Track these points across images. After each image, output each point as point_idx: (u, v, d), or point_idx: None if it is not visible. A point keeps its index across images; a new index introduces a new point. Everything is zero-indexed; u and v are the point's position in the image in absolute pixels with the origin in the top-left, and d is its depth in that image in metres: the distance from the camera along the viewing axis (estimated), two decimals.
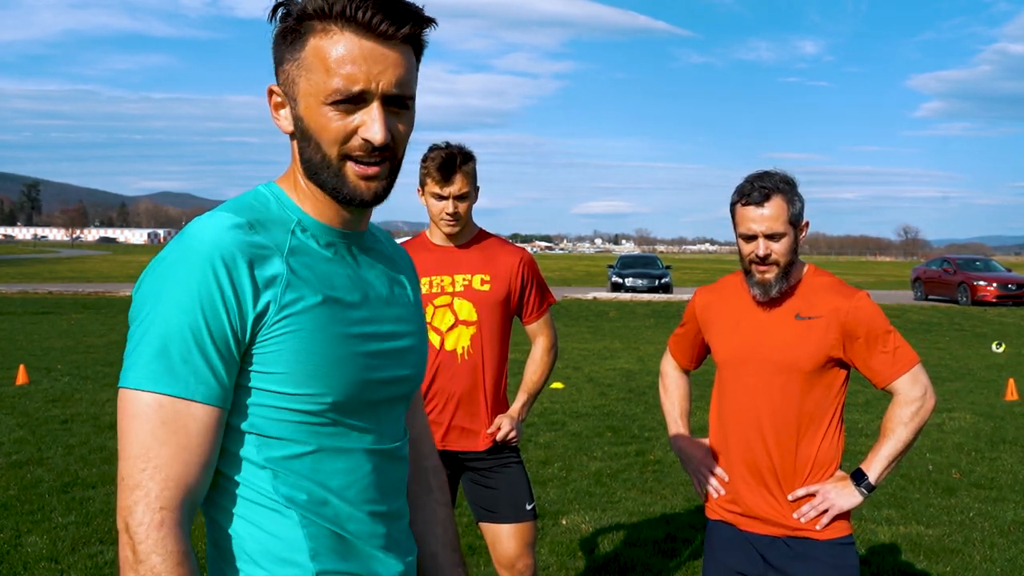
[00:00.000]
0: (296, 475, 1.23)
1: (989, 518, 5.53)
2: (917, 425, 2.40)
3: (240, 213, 1.23)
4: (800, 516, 2.41)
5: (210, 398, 1.16)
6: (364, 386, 1.28)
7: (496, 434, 3.10)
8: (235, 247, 1.17)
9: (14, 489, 5.78)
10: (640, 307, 23.92)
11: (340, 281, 1.28)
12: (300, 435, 1.23)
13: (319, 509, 1.25)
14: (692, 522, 5.34)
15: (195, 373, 1.14)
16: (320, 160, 1.24)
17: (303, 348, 1.21)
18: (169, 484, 1.13)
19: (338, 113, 1.21)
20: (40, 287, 29.39)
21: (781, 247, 2.39)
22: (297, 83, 1.23)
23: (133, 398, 1.14)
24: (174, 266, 1.16)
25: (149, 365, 1.14)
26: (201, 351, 1.15)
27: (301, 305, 1.21)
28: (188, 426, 1.14)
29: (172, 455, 1.13)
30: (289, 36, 1.23)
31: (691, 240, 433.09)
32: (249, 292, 1.17)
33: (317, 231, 1.29)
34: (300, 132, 1.26)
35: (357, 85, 1.20)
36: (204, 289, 1.15)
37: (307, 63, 1.22)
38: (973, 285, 25.99)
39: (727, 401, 2.55)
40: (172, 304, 1.15)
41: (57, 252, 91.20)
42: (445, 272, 3.13)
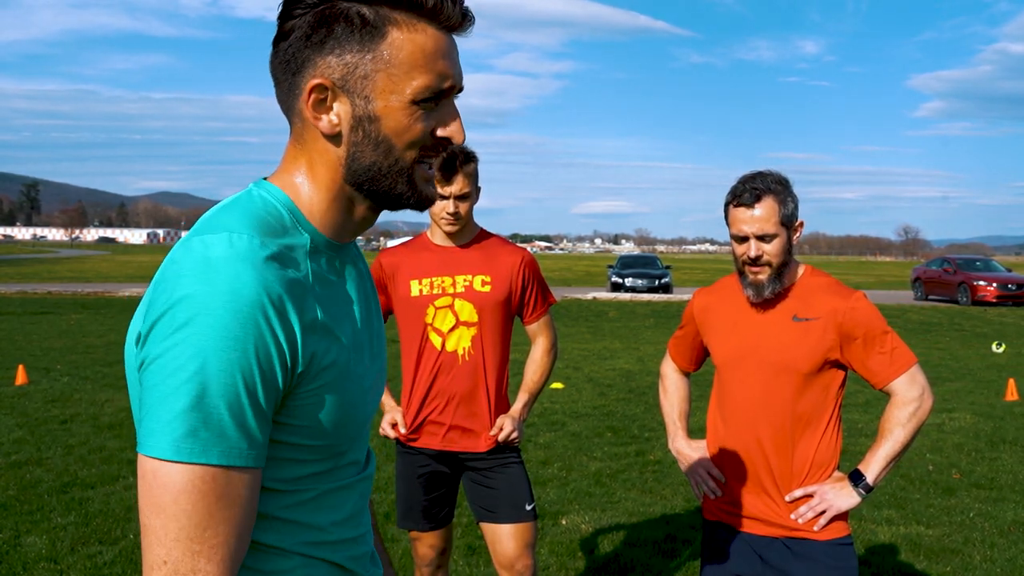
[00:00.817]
0: (296, 523, 1.13)
1: (989, 518, 5.52)
2: (915, 426, 2.40)
3: (264, 236, 1.06)
4: (798, 517, 2.42)
5: (257, 460, 1.02)
6: (362, 424, 1.20)
7: (498, 435, 3.10)
8: (282, 286, 1.02)
9: (13, 489, 5.78)
10: (640, 307, 23.92)
11: (346, 310, 1.17)
12: (308, 483, 1.13)
13: (318, 548, 1.16)
14: (692, 522, 5.34)
15: (249, 438, 0.99)
16: (390, 165, 1.12)
17: (333, 399, 1.10)
18: (226, 564, 0.99)
19: (423, 112, 1.11)
20: (39, 287, 29.39)
21: (773, 248, 2.39)
22: (373, 79, 1.09)
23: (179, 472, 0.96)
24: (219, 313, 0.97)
25: (198, 433, 0.96)
26: (255, 412, 1.00)
27: (334, 351, 1.10)
28: (243, 495, 1.00)
29: (229, 532, 0.99)
30: (359, 24, 1.08)
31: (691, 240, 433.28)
32: (299, 342, 1.03)
33: (326, 250, 1.16)
34: (365, 134, 1.11)
35: (448, 80, 1.12)
36: (260, 340, 0.99)
37: (389, 57, 1.09)
38: (973, 285, 25.99)
39: (725, 402, 2.55)
40: (226, 360, 0.97)
41: (56, 252, 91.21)
42: (446, 273, 3.13)
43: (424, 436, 3.14)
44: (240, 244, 1.01)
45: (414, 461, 3.17)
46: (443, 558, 3.31)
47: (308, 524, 1.14)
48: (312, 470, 1.13)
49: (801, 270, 2.52)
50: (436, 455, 3.15)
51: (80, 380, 10.25)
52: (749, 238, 2.40)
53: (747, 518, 2.50)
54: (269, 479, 1.09)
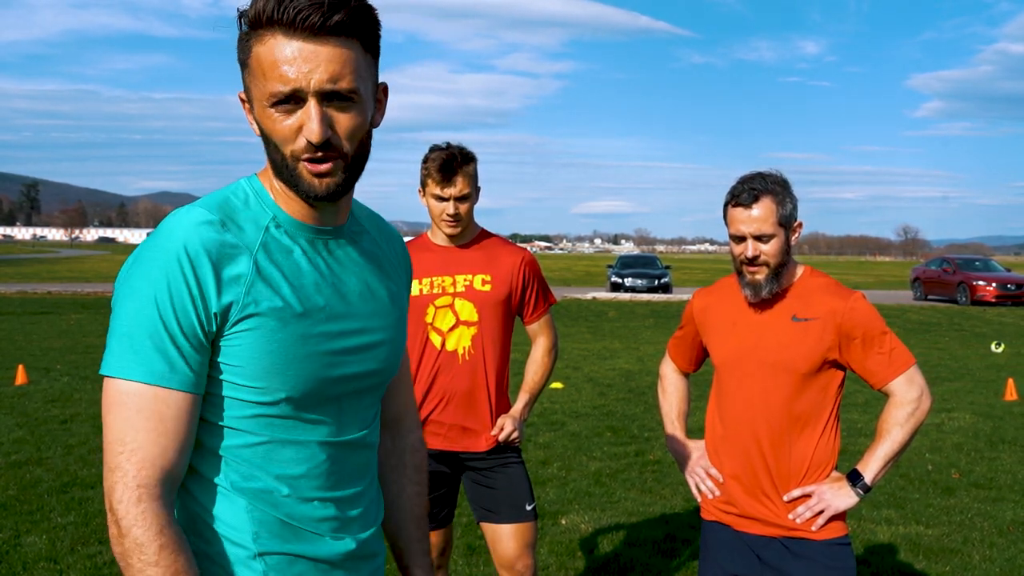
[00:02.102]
0: (247, 464, 1.31)
1: (988, 518, 5.53)
2: (913, 426, 2.40)
3: (214, 209, 1.29)
4: (796, 517, 2.42)
5: (183, 384, 1.24)
6: (323, 383, 1.34)
7: (499, 435, 3.11)
8: (201, 244, 1.24)
9: (13, 489, 5.78)
10: (639, 307, 23.92)
11: (310, 279, 1.34)
12: (253, 427, 1.30)
13: (266, 497, 1.32)
14: (691, 522, 5.35)
15: (168, 362, 1.22)
16: (280, 160, 1.29)
17: (261, 346, 1.27)
18: (145, 465, 1.21)
19: (281, 115, 1.26)
20: (39, 287, 29.38)
21: (771, 248, 2.40)
22: (250, 90, 1.29)
23: (111, 385, 1.23)
24: (146, 260, 1.24)
25: (124, 355, 1.22)
26: (172, 340, 1.22)
27: (265, 305, 1.27)
28: (162, 412, 1.22)
29: (147, 439, 1.21)
30: (241, 45, 1.28)
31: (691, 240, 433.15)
32: (212, 288, 1.24)
33: (292, 228, 1.34)
34: (261, 135, 1.31)
35: (288, 85, 1.23)
36: (172, 282, 1.22)
37: (252, 70, 1.27)
38: (972, 285, 26.00)
39: (724, 402, 2.55)
40: (143, 296, 1.22)
41: (56, 252, 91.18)
42: (446, 272, 3.13)
43: (424, 436, 3.14)
44: (184, 214, 1.28)
45: None
46: (443, 558, 3.32)
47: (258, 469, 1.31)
48: (257, 412, 1.30)
49: (800, 271, 2.53)
50: (436, 455, 3.15)
51: (80, 380, 10.25)
52: (747, 238, 2.41)
53: (745, 518, 2.50)
54: (218, 416, 1.30)
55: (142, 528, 1.19)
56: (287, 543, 1.33)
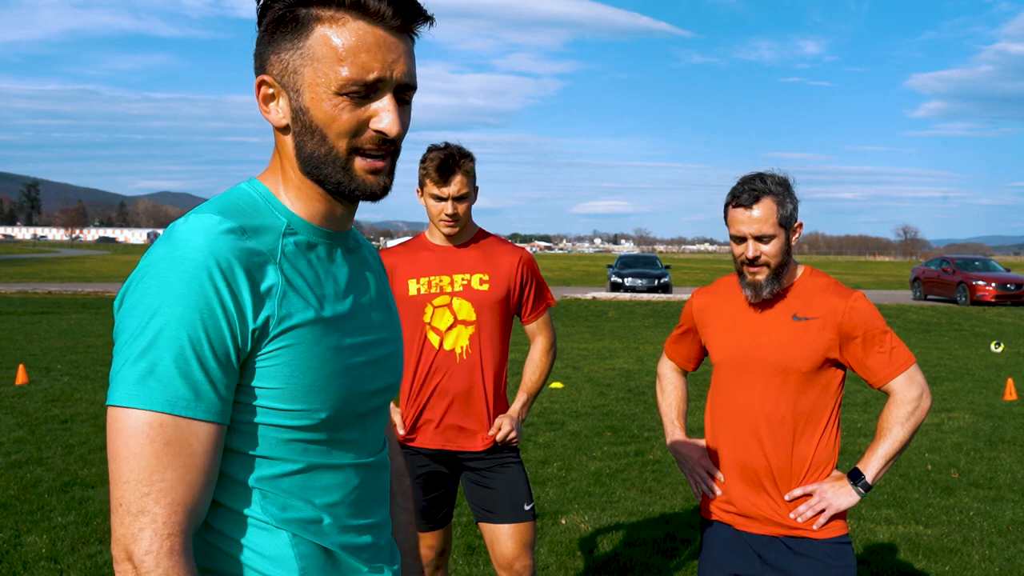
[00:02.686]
0: (286, 494, 1.19)
1: (988, 518, 5.53)
2: (913, 425, 2.41)
3: (230, 215, 1.16)
4: (797, 516, 2.42)
5: (212, 414, 1.10)
6: (353, 399, 1.24)
7: (497, 435, 3.11)
8: (231, 254, 1.11)
9: (14, 489, 5.79)
10: (639, 307, 23.92)
11: (331, 288, 1.24)
12: (291, 453, 1.19)
13: (309, 527, 1.21)
14: (691, 522, 5.35)
15: (196, 389, 1.08)
16: (325, 153, 1.19)
17: (299, 363, 1.16)
18: (176, 508, 1.07)
19: (349, 103, 1.17)
20: (40, 287, 29.38)
21: (771, 249, 2.40)
22: (301, 72, 1.18)
23: (128, 417, 1.07)
24: (167, 274, 1.09)
25: (145, 382, 1.06)
26: (202, 366, 1.08)
27: (298, 318, 1.17)
28: (192, 445, 1.08)
29: (177, 477, 1.07)
30: (289, 23, 1.17)
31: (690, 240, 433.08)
32: (249, 303, 1.12)
33: (307, 233, 1.24)
34: (303, 125, 1.20)
35: (373, 73, 1.16)
36: (203, 299, 1.08)
37: (314, 51, 1.16)
38: (972, 285, 25.99)
39: (723, 401, 2.56)
40: (170, 317, 1.07)
41: (57, 252, 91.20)
42: (444, 272, 3.13)
43: (422, 436, 3.14)
44: (200, 220, 1.13)
45: (413, 461, 3.18)
46: (442, 559, 3.32)
47: (297, 498, 1.20)
48: (296, 437, 1.19)
49: (801, 270, 2.53)
50: (434, 455, 3.16)
51: (80, 380, 10.25)
52: (747, 239, 2.42)
53: (746, 517, 2.51)
54: (251, 445, 1.17)
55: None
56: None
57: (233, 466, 1.17)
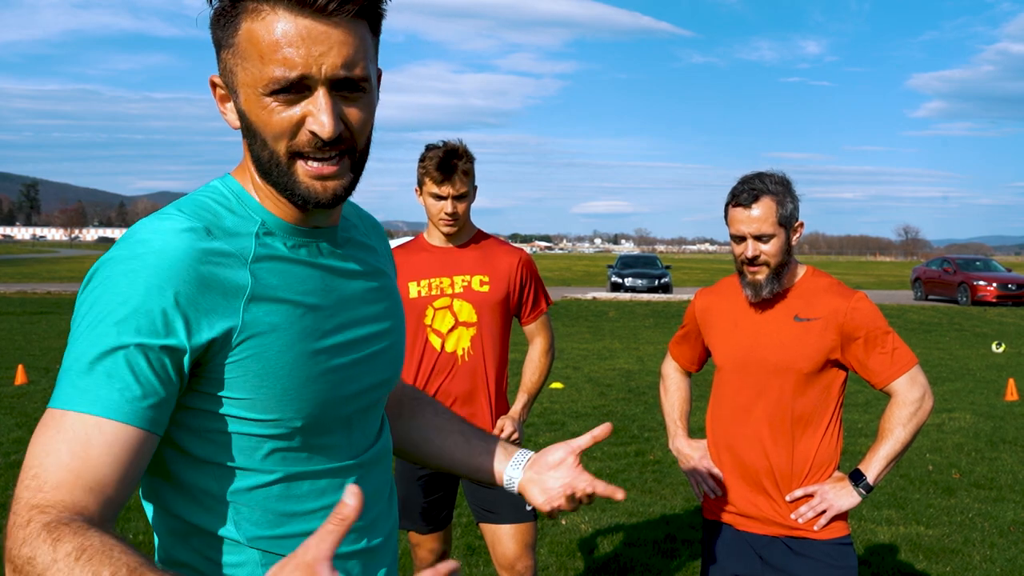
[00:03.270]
0: (259, 508, 1.13)
1: (989, 518, 5.53)
2: (915, 426, 2.40)
3: (195, 215, 1.09)
4: (798, 517, 2.42)
5: (126, 416, 1.00)
6: (333, 404, 1.17)
7: (500, 436, 3.10)
8: (189, 259, 1.04)
9: (13, 489, 5.77)
10: (639, 307, 23.92)
11: (312, 286, 1.15)
12: (267, 464, 1.12)
13: (281, 542, 1.13)
14: (692, 522, 5.34)
15: (113, 389, 1.00)
16: (268, 158, 1.10)
17: (268, 372, 1.09)
18: (44, 489, 0.97)
19: (279, 104, 1.06)
20: (39, 287, 29.39)
21: (771, 248, 2.40)
22: (235, 73, 1.09)
23: (44, 415, 1.02)
24: (114, 275, 1.03)
25: (68, 381, 1.01)
26: (128, 368, 1.00)
27: (266, 323, 1.09)
28: (91, 439, 0.99)
29: (57, 464, 0.98)
30: (222, 20, 1.08)
31: (691, 240, 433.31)
32: (203, 311, 1.04)
33: (283, 232, 1.15)
34: (245, 127, 1.12)
35: (296, 70, 1.04)
36: (143, 304, 1.01)
37: (241, 50, 1.07)
38: (973, 285, 25.99)
39: (725, 402, 2.55)
40: (104, 317, 1.01)
41: (56, 252, 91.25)
42: (444, 274, 3.13)
43: None
44: (162, 222, 1.07)
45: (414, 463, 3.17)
46: (443, 560, 3.31)
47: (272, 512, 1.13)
48: (270, 447, 1.12)
49: (802, 271, 2.53)
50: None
51: None
52: (747, 238, 2.41)
53: (747, 517, 2.50)
54: (225, 457, 1.10)
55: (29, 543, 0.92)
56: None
57: (206, 478, 1.11)
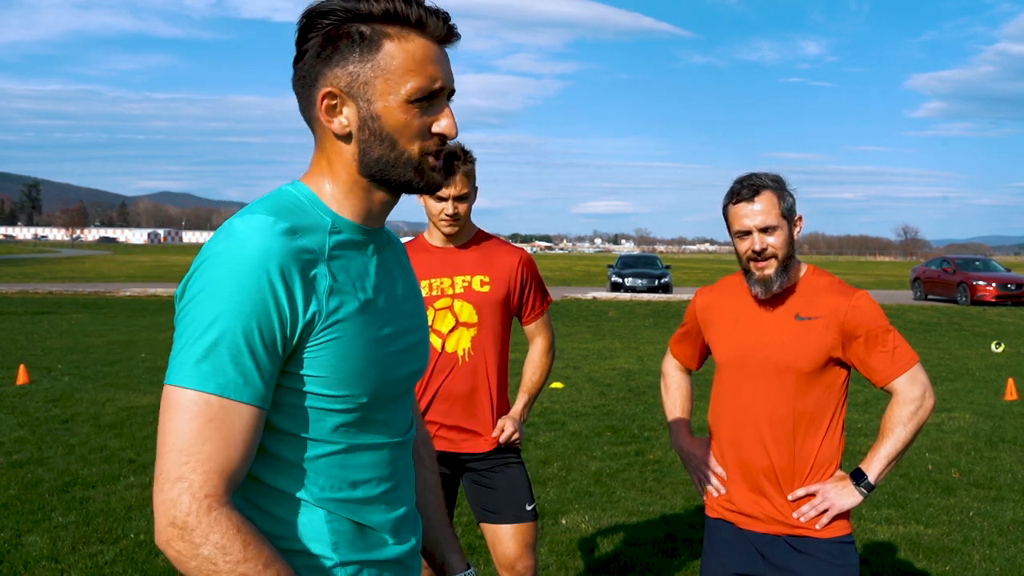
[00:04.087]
0: (326, 474, 1.30)
1: (988, 518, 5.53)
2: (916, 425, 2.40)
3: (282, 216, 1.26)
4: (800, 516, 2.42)
5: (255, 399, 1.20)
6: (389, 384, 1.36)
7: (500, 436, 3.11)
8: (287, 254, 1.21)
9: (14, 489, 5.79)
10: (640, 307, 23.92)
11: (370, 282, 1.35)
12: (334, 435, 1.30)
13: (344, 504, 1.32)
14: (692, 522, 5.35)
15: (244, 375, 1.19)
16: (396, 157, 1.32)
17: (344, 353, 1.28)
18: (212, 476, 1.16)
19: (417, 111, 1.30)
20: (40, 287, 29.39)
21: (777, 240, 2.40)
22: (373, 84, 1.29)
23: (179, 395, 1.17)
24: (229, 270, 1.19)
25: (199, 365, 1.17)
26: (252, 355, 1.19)
27: (343, 312, 1.28)
28: (234, 423, 1.18)
29: (216, 450, 1.17)
30: (355, 39, 1.29)
31: (691, 240, 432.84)
32: (300, 300, 1.23)
33: (350, 231, 1.35)
34: (371, 132, 1.31)
35: (438, 83, 1.31)
36: (259, 296, 1.19)
37: (385, 64, 1.28)
38: (972, 285, 25.99)
39: (726, 401, 2.56)
40: (227, 308, 1.18)
41: (57, 252, 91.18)
42: (444, 274, 3.13)
43: None
44: (255, 220, 1.23)
45: None
46: None
47: (336, 478, 1.32)
48: (339, 420, 1.31)
49: (803, 269, 2.53)
50: (437, 456, 3.15)
51: (81, 380, 10.26)
52: (752, 232, 2.41)
53: (749, 516, 2.51)
54: (301, 428, 1.28)
55: (220, 532, 1.15)
56: (360, 551, 1.34)
57: (283, 446, 1.28)
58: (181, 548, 1.15)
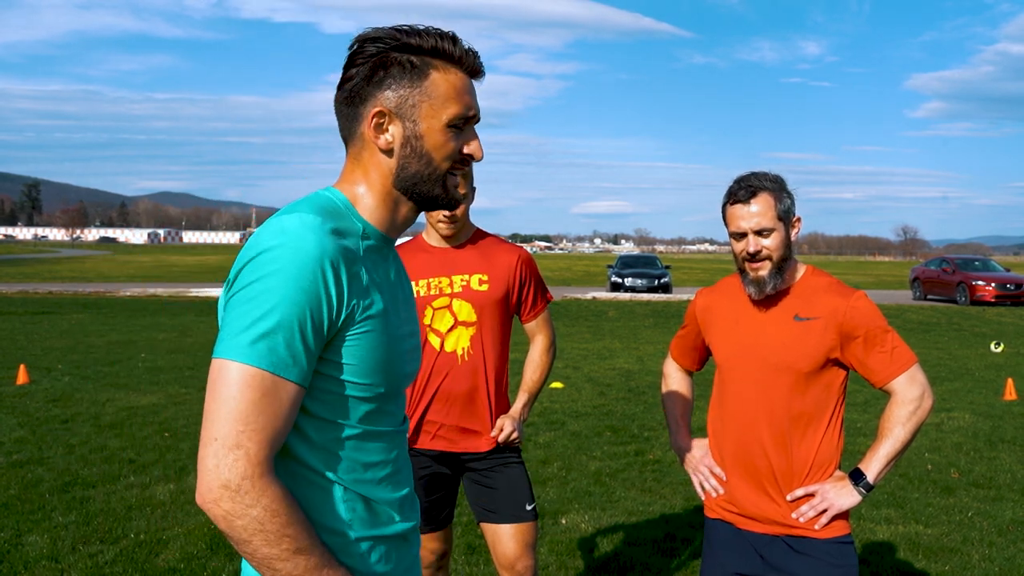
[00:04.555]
0: (345, 455, 1.44)
1: (988, 517, 5.54)
2: (915, 425, 2.41)
3: (329, 218, 1.41)
4: (799, 516, 2.43)
5: (300, 378, 1.34)
6: (400, 378, 1.52)
7: (499, 436, 3.11)
8: (337, 251, 1.36)
9: (15, 489, 5.79)
10: (639, 307, 23.92)
11: (388, 286, 1.51)
12: (355, 420, 1.45)
13: (359, 485, 1.46)
14: (691, 521, 5.35)
15: (294, 356, 1.32)
16: (429, 173, 1.49)
17: (372, 345, 1.43)
18: (264, 446, 1.30)
19: (453, 134, 1.49)
20: (40, 287, 29.39)
21: (772, 242, 2.41)
22: (419, 107, 1.47)
23: (236, 370, 1.30)
24: (288, 262, 1.33)
25: (257, 344, 1.30)
26: (303, 340, 1.33)
27: (374, 308, 1.43)
28: (282, 399, 1.32)
29: (267, 421, 1.30)
30: (407, 67, 1.46)
31: (690, 240, 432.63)
32: (346, 294, 1.38)
33: (376, 238, 1.51)
34: (412, 149, 1.48)
35: (472, 111, 1.50)
36: (314, 288, 1.33)
37: (430, 91, 1.47)
38: (972, 285, 26.00)
39: (726, 401, 2.56)
40: (285, 296, 1.31)
41: (57, 252, 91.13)
42: (443, 273, 3.13)
43: (425, 437, 3.14)
44: (307, 219, 1.37)
45: (415, 463, 3.17)
46: (443, 560, 3.32)
47: (352, 459, 1.45)
48: (361, 407, 1.45)
49: (802, 270, 2.53)
50: (437, 456, 3.15)
51: (81, 380, 10.26)
52: (747, 234, 2.42)
53: (748, 516, 2.51)
54: (330, 411, 1.42)
55: (271, 496, 1.28)
56: (371, 526, 1.48)
57: (314, 429, 1.41)
58: (230, 508, 1.27)
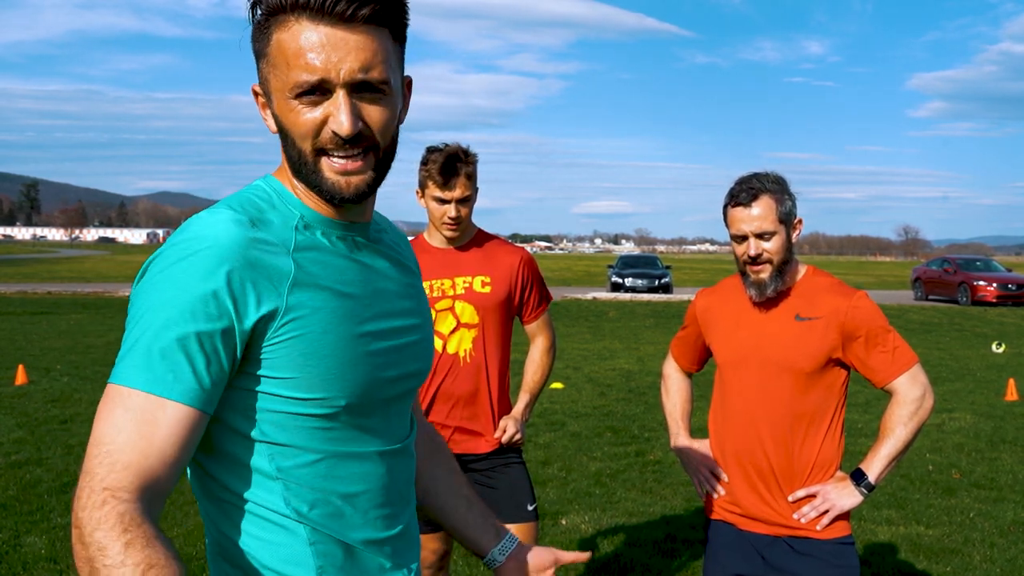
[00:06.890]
0: (307, 486, 1.20)
1: (989, 518, 5.53)
2: (916, 425, 2.40)
3: (241, 209, 1.19)
4: (800, 517, 2.42)
5: (186, 398, 1.10)
6: (375, 386, 1.25)
7: (502, 437, 3.10)
8: (238, 246, 1.14)
9: (13, 489, 5.78)
10: (640, 307, 23.91)
11: (350, 276, 1.25)
12: (312, 442, 1.20)
13: (329, 521, 1.22)
14: (692, 522, 5.34)
15: (174, 372, 1.09)
16: (298, 157, 1.21)
17: (312, 351, 1.18)
18: (116, 469, 1.06)
19: (305, 106, 1.17)
20: (39, 287, 29.38)
21: (773, 245, 2.40)
22: (269, 80, 1.20)
23: (106, 391, 1.11)
24: (171, 264, 1.13)
25: (131, 361, 1.10)
26: (185, 352, 1.10)
27: (309, 306, 1.18)
28: (157, 420, 1.08)
29: (128, 443, 1.07)
30: (258, 33, 1.20)
31: (691, 240, 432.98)
32: (251, 293, 1.14)
33: (321, 225, 1.25)
34: (280, 130, 1.23)
35: (316, 75, 1.15)
36: (198, 290, 1.11)
37: (272, 59, 1.18)
38: (973, 285, 25.98)
39: (727, 402, 2.55)
40: (163, 303, 1.11)
41: (56, 252, 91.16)
42: (445, 275, 3.12)
43: None
44: (214, 215, 1.18)
45: None
46: (444, 560, 3.31)
47: (322, 491, 1.21)
48: (316, 426, 1.20)
49: (803, 270, 2.53)
50: None
51: (80, 380, 10.25)
52: (748, 237, 2.41)
53: (749, 517, 2.50)
54: (273, 435, 1.19)
55: (104, 530, 1.02)
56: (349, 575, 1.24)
57: (256, 456, 1.19)
58: (77, 551, 1.05)
